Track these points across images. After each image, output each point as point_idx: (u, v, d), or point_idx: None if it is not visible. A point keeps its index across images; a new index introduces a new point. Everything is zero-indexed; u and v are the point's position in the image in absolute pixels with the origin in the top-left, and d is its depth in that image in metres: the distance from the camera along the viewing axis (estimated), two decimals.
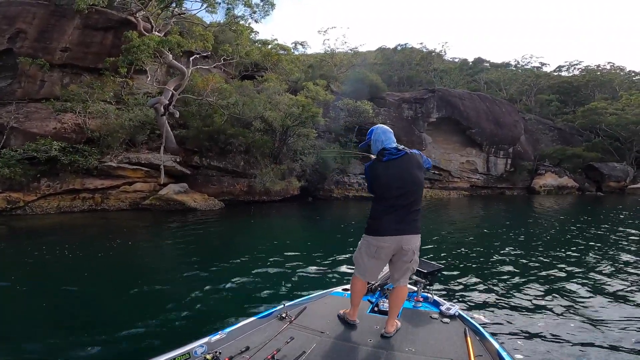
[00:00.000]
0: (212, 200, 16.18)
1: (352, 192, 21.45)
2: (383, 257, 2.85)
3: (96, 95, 15.81)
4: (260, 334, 2.73)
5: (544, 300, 5.22)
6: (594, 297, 5.32)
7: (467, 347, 2.56)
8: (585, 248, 8.83)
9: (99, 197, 14.67)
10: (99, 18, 18.66)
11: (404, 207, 2.78)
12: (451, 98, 27.59)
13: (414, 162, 2.82)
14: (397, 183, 2.76)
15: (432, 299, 3.48)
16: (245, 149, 17.75)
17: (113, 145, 15.05)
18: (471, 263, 7.44)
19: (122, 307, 5.04)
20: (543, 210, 18.63)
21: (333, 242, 9.68)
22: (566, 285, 5.85)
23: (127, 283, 6.04)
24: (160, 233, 11.15)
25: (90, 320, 4.49)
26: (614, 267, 6.99)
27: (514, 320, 4.47)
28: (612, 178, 29.70)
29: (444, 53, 48.75)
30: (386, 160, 2.81)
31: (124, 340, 3.95)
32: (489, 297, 5.31)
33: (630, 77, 43.24)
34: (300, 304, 3.34)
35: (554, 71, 48.02)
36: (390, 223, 2.76)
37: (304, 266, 6.83)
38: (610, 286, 5.82)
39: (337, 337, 2.73)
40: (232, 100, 17.81)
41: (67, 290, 5.63)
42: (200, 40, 18.86)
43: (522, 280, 6.16)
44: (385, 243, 2.78)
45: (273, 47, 26.69)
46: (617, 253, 8.21)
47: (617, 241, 9.68)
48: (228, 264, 7.12)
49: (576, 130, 35.06)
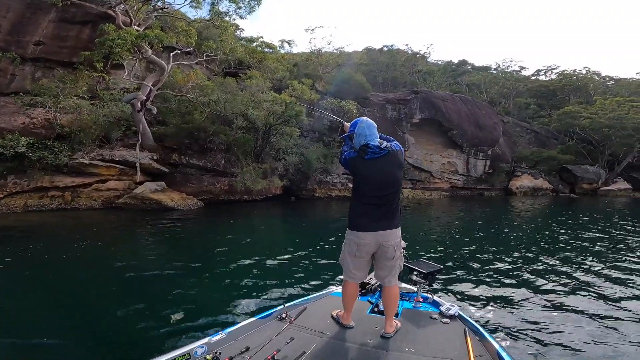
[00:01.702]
0: (191, 199, 15.33)
1: (335, 192, 20.86)
2: (364, 254, 2.81)
3: (68, 90, 14.73)
4: (260, 335, 2.68)
5: (543, 299, 5.13)
6: (594, 297, 5.19)
7: (467, 347, 2.52)
8: (577, 248, 8.63)
9: (69, 196, 13.66)
10: (77, 11, 17.57)
11: (382, 206, 2.75)
12: (434, 100, 27.24)
13: (395, 161, 2.76)
14: (377, 183, 2.71)
15: (432, 299, 3.41)
16: (226, 147, 16.94)
17: (85, 141, 14.04)
18: (470, 263, 7.26)
19: (113, 307, 4.75)
20: (528, 211, 18.49)
21: (318, 243, 9.20)
22: (565, 284, 5.75)
23: (115, 282, 5.60)
24: (135, 233, 10.45)
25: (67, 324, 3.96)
26: (615, 266, 6.86)
27: (513, 320, 4.40)
28: (584, 180, 29.93)
29: (428, 55, 48.55)
30: (368, 159, 2.70)
31: (123, 341, 3.82)
32: (488, 297, 5.22)
33: (604, 82, 43.71)
34: (301, 304, 3.27)
35: (532, 75, 48.28)
36: (369, 219, 2.74)
37: (292, 267, 6.60)
38: (611, 287, 5.65)
39: (337, 338, 2.69)
40: (213, 97, 16.95)
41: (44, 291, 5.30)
42: (183, 36, 17.91)
43: (522, 280, 6.07)
44: (365, 240, 2.75)
45: (258, 45, 25.80)
46: (614, 255, 8.02)
47: (614, 242, 9.45)
48: (208, 265, 6.82)
49: (552, 133, 35.28)
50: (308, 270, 6.45)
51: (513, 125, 34.92)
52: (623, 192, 29.41)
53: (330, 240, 9.32)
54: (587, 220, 14.72)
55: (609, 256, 7.92)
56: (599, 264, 7.12)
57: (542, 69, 48.32)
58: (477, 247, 8.88)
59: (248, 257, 7.25)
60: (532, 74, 48.39)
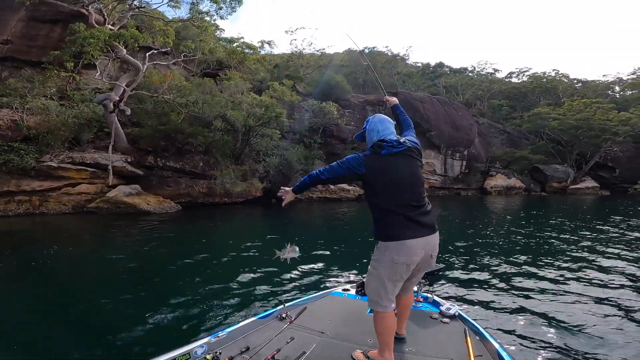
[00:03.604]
0: (169, 202, 14.61)
1: (317, 193, 20.42)
2: (408, 272, 2.25)
3: (36, 90, 13.76)
4: (260, 334, 2.62)
5: (543, 299, 4.97)
6: (594, 296, 5.01)
7: (467, 347, 2.46)
8: (565, 248, 8.45)
9: (37, 200, 12.77)
10: (47, 10, 16.65)
11: (420, 206, 2.25)
12: (413, 101, 27.17)
13: (416, 157, 2.31)
14: (403, 180, 2.22)
15: (432, 299, 3.32)
16: (204, 149, 16.25)
17: (54, 143, 13.12)
18: (469, 263, 7.02)
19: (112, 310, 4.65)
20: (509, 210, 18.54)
21: (307, 244, 8.88)
22: (564, 285, 5.58)
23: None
24: (111, 237, 9.82)
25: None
26: (616, 267, 6.63)
27: (514, 320, 4.27)
28: (554, 179, 30.51)
29: (407, 57, 48.64)
30: (385, 154, 2.22)
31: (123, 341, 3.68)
32: (487, 296, 5.08)
33: (573, 85, 44.68)
34: (301, 304, 3.19)
35: (505, 77, 48.97)
36: (415, 224, 2.20)
37: (280, 268, 6.20)
38: (611, 288, 5.44)
39: (337, 338, 2.62)
40: (191, 98, 16.21)
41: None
42: (160, 36, 17.07)
43: (521, 280, 5.86)
44: (416, 250, 2.18)
45: (239, 45, 25.05)
46: (613, 255, 7.74)
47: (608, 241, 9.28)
48: (193, 268, 6.50)
49: (523, 134, 35.86)
50: (298, 270, 6.21)
51: (487, 126, 35.31)
52: (591, 190, 30.06)
53: (319, 241, 9.09)
54: (565, 219, 14.63)
55: (608, 255, 7.59)
56: (600, 265, 6.86)
57: (514, 71, 49.12)
58: (470, 246, 8.70)
59: (231, 258, 7.06)
60: (505, 76, 49.16)
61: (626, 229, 11.09)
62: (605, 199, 25.48)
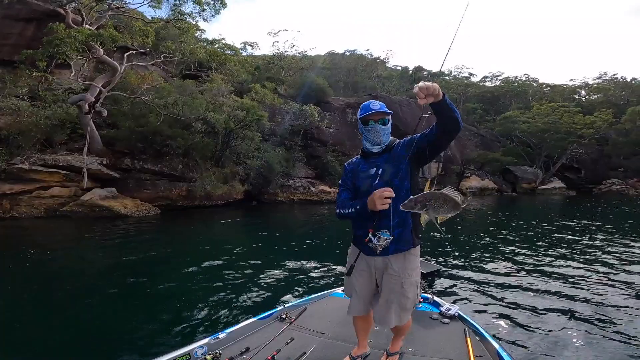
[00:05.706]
0: (146, 205, 14.09)
1: (298, 195, 20.17)
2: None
3: (7, 90, 13.00)
4: (260, 335, 2.60)
5: (543, 299, 4.96)
6: (593, 297, 4.96)
7: (467, 347, 2.44)
8: (559, 245, 8.61)
9: (7, 204, 12.04)
10: (22, 8, 15.94)
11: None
12: (392, 104, 27.23)
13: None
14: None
15: (432, 300, 3.30)
16: (184, 152, 15.76)
17: (25, 145, 12.42)
18: (467, 263, 7.02)
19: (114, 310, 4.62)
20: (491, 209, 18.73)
21: (290, 247, 8.82)
22: (564, 284, 5.58)
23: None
24: (86, 241, 9.45)
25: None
26: (617, 266, 6.68)
27: (513, 320, 4.23)
28: (524, 180, 31.35)
29: (387, 60, 48.91)
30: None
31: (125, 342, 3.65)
32: (487, 296, 5.05)
33: (542, 89, 46.02)
34: (300, 304, 3.17)
35: (479, 81, 50.04)
36: None
37: (266, 269, 6.18)
38: (612, 287, 5.45)
39: (337, 338, 2.61)
40: (171, 99, 15.69)
41: None
42: (140, 36, 16.42)
43: (521, 280, 5.83)
44: None
45: (220, 47, 24.51)
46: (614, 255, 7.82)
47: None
48: (182, 271, 6.35)
49: (495, 136, 36.71)
50: (298, 271, 6.11)
51: (462, 129, 35.89)
52: (558, 191, 31.05)
53: (307, 242, 9.00)
54: (556, 217, 14.94)
55: (608, 256, 7.58)
56: (600, 264, 6.88)
57: (488, 75, 50.29)
58: (469, 247, 8.67)
59: (224, 261, 6.95)
60: (479, 80, 50.22)
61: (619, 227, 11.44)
62: (573, 199, 26.32)
